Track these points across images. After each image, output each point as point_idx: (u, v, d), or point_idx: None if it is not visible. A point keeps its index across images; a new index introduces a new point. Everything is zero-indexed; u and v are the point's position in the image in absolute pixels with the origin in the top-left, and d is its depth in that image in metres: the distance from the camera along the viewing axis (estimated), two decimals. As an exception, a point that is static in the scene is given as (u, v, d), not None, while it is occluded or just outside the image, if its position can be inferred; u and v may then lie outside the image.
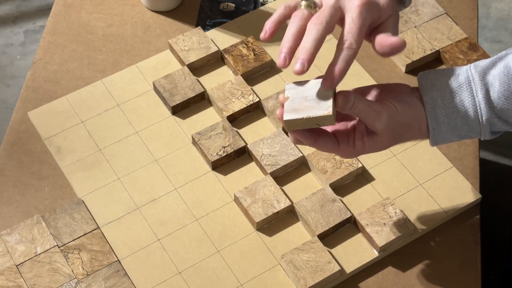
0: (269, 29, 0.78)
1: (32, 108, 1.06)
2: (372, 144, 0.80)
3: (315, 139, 0.79)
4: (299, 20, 0.76)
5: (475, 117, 0.80)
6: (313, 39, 0.75)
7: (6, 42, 2.12)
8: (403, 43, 0.77)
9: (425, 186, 0.99)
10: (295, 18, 0.77)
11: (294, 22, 0.77)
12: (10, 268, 0.92)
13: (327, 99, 0.76)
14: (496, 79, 0.80)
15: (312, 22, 0.75)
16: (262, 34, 0.78)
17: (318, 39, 0.75)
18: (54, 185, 1.00)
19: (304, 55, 0.74)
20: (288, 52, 0.75)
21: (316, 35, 0.75)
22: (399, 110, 0.79)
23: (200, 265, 0.93)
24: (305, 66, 0.74)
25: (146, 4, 1.17)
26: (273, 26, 0.78)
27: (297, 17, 0.77)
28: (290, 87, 0.79)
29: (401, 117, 0.79)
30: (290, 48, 0.75)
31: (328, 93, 0.77)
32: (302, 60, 0.74)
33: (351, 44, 0.75)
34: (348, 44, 0.75)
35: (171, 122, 1.05)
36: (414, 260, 0.94)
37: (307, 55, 0.74)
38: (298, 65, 0.74)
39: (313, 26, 0.75)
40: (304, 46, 0.75)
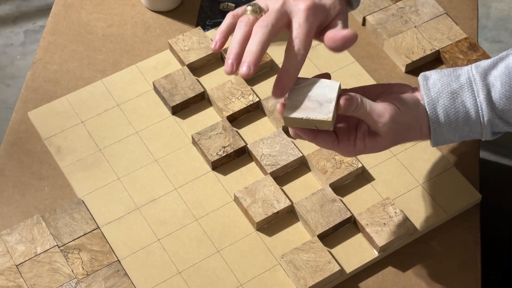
0: (218, 40, 0.78)
1: (32, 108, 1.06)
2: (373, 145, 0.80)
3: (315, 136, 0.79)
4: (245, 25, 0.77)
5: (477, 118, 0.80)
6: (259, 42, 0.75)
7: (6, 42, 2.12)
8: (355, 34, 0.77)
9: (425, 186, 0.99)
10: (241, 23, 0.77)
11: (239, 27, 0.77)
12: (10, 268, 0.92)
13: (329, 103, 0.76)
14: (497, 79, 0.80)
15: (258, 25, 0.76)
16: (212, 45, 0.78)
17: (263, 41, 0.75)
18: (54, 185, 1.00)
19: (249, 57, 0.74)
20: (234, 58, 0.75)
21: (261, 38, 0.75)
22: (402, 111, 0.79)
23: (200, 265, 0.93)
24: (251, 69, 0.74)
25: (146, 4, 1.17)
26: (222, 37, 0.78)
27: (242, 22, 0.77)
28: (297, 83, 0.78)
29: (403, 118, 0.79)
30: (237, 54, 0.76)
31: (332, 96, 0.76)
32: (248, 63, 0.74)
33: (299, 49, 0.75)
34: (296, 50, 0.75)
35: (171, 122, 1.05)
36: (414, 260, 0.94)
37: (252, 58, 0.74)
38: (244, 68, 0.74)
39: (258, 29, 0.75)
40: (249, 50, 0.75)
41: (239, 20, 0.77)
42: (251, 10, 0.77)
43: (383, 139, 0.80)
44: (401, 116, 0.79)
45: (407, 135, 0.81)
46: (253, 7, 0.77)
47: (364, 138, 0.80)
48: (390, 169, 1.00)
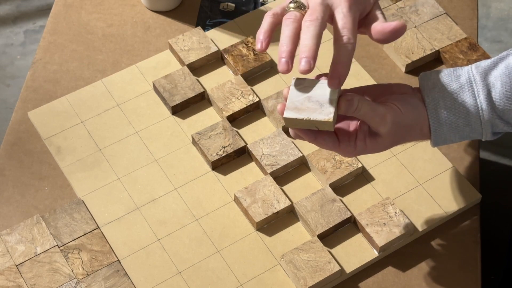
0: (263, 39, 0.77)
1: (32, 108, 1.06)
2: (374, 146, 0.80)
3: (315, 136, 0.79)
4: (292, 22, 0.76)
5: (477, 118, 0.80)
6: (313, 36, 0.74)
7: (6, 42, 2.12)
8: (404, 25, 0.77)
9: (425, 186, 0.99)
10: (288, 20, 0.76)
11: (287, 24, 0.76)
12: (10, 268, 0.92)
13: (330, 104, 0.76)
14: (497, 79, 0.80)
15: (307, 20, 0.75)
16: (258, 45, 0.77)
17: (317, 35, 0.74)
18: (54, 185, 1.00)
19: (307, 53, 0.73)
20: (288, 57, 0.75)
21: (314, 32, 0.74)
22: (402, 112, 0.79)
23: (200, 265, 0.93)
24: (311, 64, 0.73)
25: (146, 4, 1.17)
26: (267, 36, 0.78)
27: (289, 19, 0.76)
28: (297, 83, 0.78)
29: (404, 119, 0.79)
30: (290, 51, 0.75)
31: (333, 97, 0.76)
32: (307, 58, 0.73)
33: (349, 39, 0.75)
34: (347, 40, 0.75)
35: (171, 122, 1.05)
36: (414, 260, 0.94)
37: (310, 52, 0.74)
38: (304, 64, 0.73)
39: (309, 23, 0.75)
40: (305, 44, 0.74)
41: (285, 18, 0.77)
42: (295, 6, 0.77)
43: (384, 139, 0.80)
44: (402, 117, 0.79)
45: (407, 135, 0.81)
46: (296, 3, 0.77)
47: (365, 139, 0.80)
48: (390, 169, 1.00)
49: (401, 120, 0.79)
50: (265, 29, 0.78)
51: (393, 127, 0.78)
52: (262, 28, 0.78)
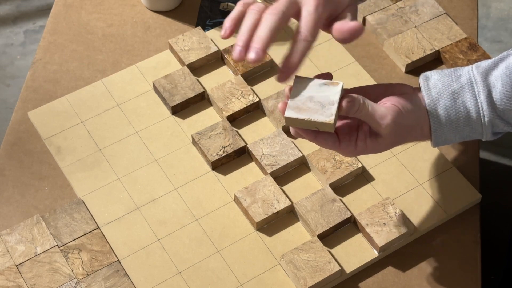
0: (228, 27, 0.78)
1: (32, 108, 1.06)
2: (375, 146, 0.80)
3: (316, 135, 0.79)
4: (255, 13, 0.77)
5: (477, 118, 0.80)
6: (268, 28, 0.75)
7: (6, 42, 2.12)
8: (361, 26, 0.77)
9: (425, 186, 0.99)
10: (251, 11, 0.77)
11: (250, 14, 0.77)
12: (10, 268, 0.92)
13: (331, 105, 0.76)
14: (498, 80, 0.80)
15: (268, 12, 0.76)
16: (222, 32, 0.78)
17: (273, 28, 0.75)
18: (54, 185, 1.00)
19: (258, 43, 0.74)
20: (243, 45, 0.75)
21: (271, 25, 0.75)
22: (403, 113, 0.79)
23: (200, 265, 0.93)
24: (260, 54, 0.74)
25: (146, 4, 1.17)
26: (232, 24, 0.78)
27: (253, 10, 0.77)
28: (299, 82, 0.78)
29: (405, 120, 0.79)
30: (246, 41, 0.75)
31: (334, 98, 0.76)
32: (256, 49, 0.74)
33: (306, 36, 0.75)
34: (304, 36, 0.75)
35: (171, 122, 1.05)
36: (414, 260, 0.94)
37: (260, 43, 0.74)
38: (252, 53, 0.74)
39: (268, 16, 0.75)
40: (258, 35, 0.75)
41: (249, 8, 0.77)
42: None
43: (385, 140, 0.80)
44: (403, 118, 0.79)
45: (408, 136, 0.81)
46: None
47: (365, 139, 0.80)
48: (390, 169, 1.00)
49: (402, 120, 0.79)
50: (232, 17, 0.78)
51: (394, 127, 0.78)
52: (230, 16, 0.79)
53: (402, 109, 0.79)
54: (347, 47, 1.12)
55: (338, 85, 0.77)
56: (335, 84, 0.78)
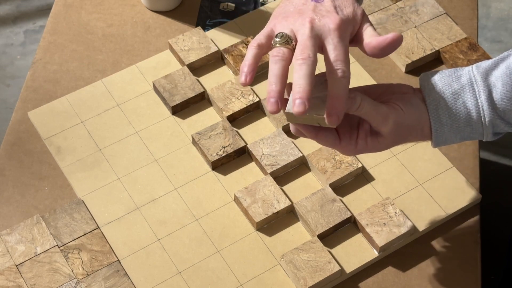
0: (248, 73, 0.74)
1: (32, 108, 1.06)
2: (375, 145, 0.80)
3: (316, 133, 0.78)
4: (281, 60, 0.73)
5: (478, 119, 0.80)
6: (306, 75, 0.71)
7: (6, 42, 2.12)
8: (400, 36, 0.75)
9: (425, 186, 0.99)
10: (275, 58, 0.73)
11: (275, 62, 0.73)
12: (10, 268, 0.92)
13: None
14: (498, 80, 0.80)
15: (299, 58, 0.72)
16: (242, 79, 0.74)
17: (310, 74, 0.72)
18: (54, 185, 1.00)
19: (302, 93, 0.71)
20: (278, 97, 0.72)
21: (307, 71, 0.72)
22: (404, 113, 0.79)
23: (200, 265, 0.93)
24: (306, 105, 0.71)
25: (146, 4, 1.17)
26: (251, 70, 0.74)
27: (277, 57, 0.73)
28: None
29: (406, 120, 0.79)
30: (279, 91, 0.72)
31: None
32: (301, 99, 0.70)
33: (344, 72, 0.73)
34: (341, 73, 0.73)
35: (171, 122, 1.05)
36: (414, 260, 0.94)
37: (305, 93, 0.71)
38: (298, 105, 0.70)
39: (301, 61, 0.72)
40: (299, 84, 0.71)
41: (272, 54, 0.74)
42: (282, 42, 0.74)
43: (385, 139, 0.80)
44: (404, 118, 0.79)
45: (408, 135, 0.81)
46: (281, 38, 0.74)
47: (366, 138, 0.80)
48: (390, 169, 1.00)
49: (403, 120, 0.79)
50: (249, 62, 0.75)
51: (394, 127, 0.78)
52: (246, 61, 0.75)
53: (403, 109, 0.79)
54: (347, 47, 1.12)
55: None
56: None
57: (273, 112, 0.72)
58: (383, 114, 0.78)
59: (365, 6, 1.15)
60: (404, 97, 0.80)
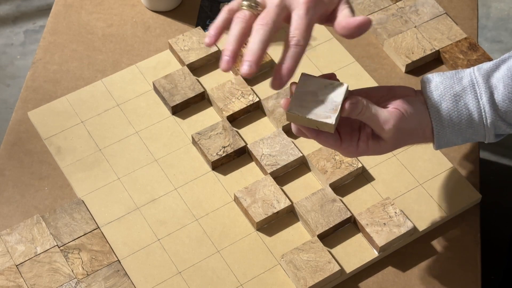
0: (213, 35, 0.77)
1: (32, 108, 1.06)
2: (376, 148, 0.80)
3: (317, 133, 0.78)
4: (241, 21, 0.76)
5: (480, 120, 0.80)
6: (260, 40, 0.74)
7: (6, 42, 2.12)
8: (369, 20, 0.76)
9: (425, 186, 0.99)
10: (237, 19, 0.76)
11: (236, 23, 0.76)
12: (10, 268, 0.92)
13: (335, 106, 0.76)
14: (500, 81, 0.80)
15: (258, 23, 0.75)
16: (206, 39, 0.78)
17: (264, 40, 0.74)
18: (54, 185, 1.00)
19: (251, 57, 0.73)
20: (231, 56, 0.75)
21: (262, 37, 0.74)
22: (406, 117, 0.79)
23: (200, 265, 0.93)
24: (253, 67, 0.73)
25: (146, 4, 1.18)
26: (217, 32, 0.78)
27: (239, 18, 0.76)
28: (305, 80, 0.78)
29: (408, 124, 0.79)
30: (233, 51, 0.75)
31: (338, 99, 0.76)
32: (250, 62, 0.73)
33: (299, 41, 0.75)
34: (296, 41, 0.75)
35: (171, 122, 1.05)
36: (414, 260, 0.94)
37: (254, 56, 0.73)
38: (245, 67, 0.73)
39: (259, 27, 0.75)
40: (251, 48, 0.74)
41: (235, 16, 0.77)
42: (247, 5, 0.76)
43: (387, 143, 0.80)
44: (405, 122, 0.79)
45: (410, 139, 0.81)
46: (248, 2, 0.76)
47: (367, 140, 0.80)
48: (390, 169, 1.00)
49: (404, 124, 0.79)
50: (217, 24, 0.78)
51: (396, 131, 0.78)
52: (215, 23, 0.78)
53: (405, 113, 0.79)
54: (347, 47, 1.12)
55: (343, 86, 0.77)
56: (340, 85, 0.78)
57: (224, 70, 0.75)
58: (385, 119, 0.77)
59: (365, 6, 1.15)
60: (405, 100, 0.80)
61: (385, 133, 0.78)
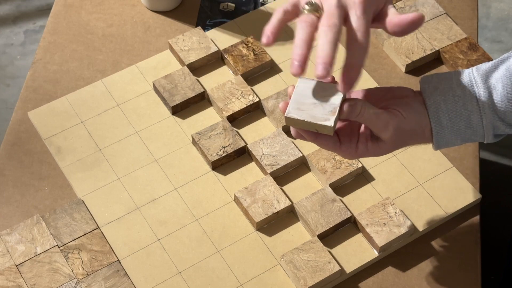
0: (271, 34, 0.77)
1: (32, 108, 1.06)
2: (375, 149, 0.80)
3: (316, 136, 0.78)
4: (308, 26, 0.75)
5: (478, 121, 0.80)
6: (330, 41, 0.73)
7: (6, 42, 2.12)
8: (422, 16, 0.76)
9: (425, 186, 0.99)
10: (303, 23, 0.75)
11: (302, 27, 0.75)
12: (10, 268, 0.92)
13: (333, 109, 0.76)
14: (498, 82, 0.80)
15: (325, 25, 0.74)
16: (264, 39, 0.76)
17: (334, 41, 0.74)
18: (54, 185, 1.00)
19: (325, 58, 0.73)
20: (302, 60, 0.74)
21: (331, 38, 0.74)
22: (405, 118, 0.79)
23: (200, 265, 0.93)
24: (329, 69, 0.72)
25: (146, 4, 1.18)
26: (275, 31, 0.77)
27: (305, 22, 0.75)
28: (303, 83, 0.78)
29: (407, 125, 0.79)
30: (303, 55, 0.74)
31: (336, 102, 0.76)
32: (325, 64, 0.72)
33: (362, 42, 0.74)
34: (360, 43, 0.74)
35: (171, 122, 1.05)
36: (414, 260, 0.94)
37: (328, 58, 0.73)
38: (321, 69, 0.72)
39: (326, 28, 0.74)
40: (323, 49, 0.73)
41: (300, 20, 0.76)
42: (310, 9, 0.76)
43: (386, 144, 0.80)
44: (405, 123, 0.79)
45: (409, 140, 0.81)
46: (311, 6, 0.76)
47: (367, 142, 0.80)
48: (390, 169, 1.00)
49: (403, 126, 0.79)
50: (274, 25, 0.77)
51: (395, 133, 0.78)
52: (271, 23, 0.77)
53: (404, 114, 0.79)
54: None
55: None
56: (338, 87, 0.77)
57: (295, 75, 0.74)
58: (384, 121, 0.77)
59: (365, 6, 1.15)
60: (405, 101, 0.80)
61: (384, 134, 0.78)
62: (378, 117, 0.77)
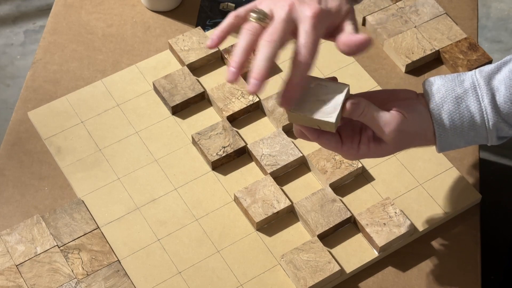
0: (216, 37, 0.77)
1: (32, 108, 1.06)
2: (377, 151, 0.80)
3: (318, 135, 0.78)
4: (251, 34, 0.75)
5: (482, 123, 0.80)
6: (266, 58, 0.73)
7: (6, 42, 2.12)
8: (370, 39, 0.75)
9: (425, 186, 0.99)
10: (246, 31, 0.75)
11: (244, 35, 0.75)
12: (10, 268, 0.92)
13: (336, 105, 0.76)
14: (501, 83, 0.80)
15: (265, 39, 0.74)
16: (208, 42, 0.77)
17: (270, 58, 0.73)
18: (54, 185, 1.00)
19: (257, 74, 0.73)
20: (238, 67, 0.74)
21: (268, 54, 0.73)
22: (408, 120, 0.79)
23: (200, 265, 0.93)
24: (259, 86, 0.73)
25: (146, 4, 1.18)
26: (220, 36, 0.77)
27: (248, 30, 0.75)
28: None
29: (410, 127, 0.79)
30: (240, 63, 0.74)
31: (339, 99, 0.76)
32: (256, 80, 0.73)
33: (306, 58, 0.74)
34: (303, 59, 0.74)
35: (171, 122, 1.05)
36: (414, 260, 0.94)
37: (260, 74, 0.73)
38: (251, 85, 0.73)
39: (266, 43, 0.73)
40: (257, 65, 0.73)
41: (244, 27, 0.76)
42: (256, 18, 0.75)
43: (388, 146, 0.80)
44: (408, 125, 0.79)
45: (412, 142, 0.81)
46: (257, 15, 0.75)
47: (369, 143, 0.80)
48: (390, 169, 1.00)
49: (406, 127, 0.79)
50: (222, 29, 0.78)
51: (397, 134, 0.78)
52: (220, 27, 0.78)
53: (406, 116, 0.79)
54: (347, 47, 1.12)
55: (344, 86, 0.77)
56: (341, 85, 0.78)
57: (230, 81, 0.74)
58: (386, 122, 0.77)
59: (365, 6, 1.15)
60: (407, 103, 0.80)
61: (386, 136, 0.78)
62: (381, 117, 0.77)
